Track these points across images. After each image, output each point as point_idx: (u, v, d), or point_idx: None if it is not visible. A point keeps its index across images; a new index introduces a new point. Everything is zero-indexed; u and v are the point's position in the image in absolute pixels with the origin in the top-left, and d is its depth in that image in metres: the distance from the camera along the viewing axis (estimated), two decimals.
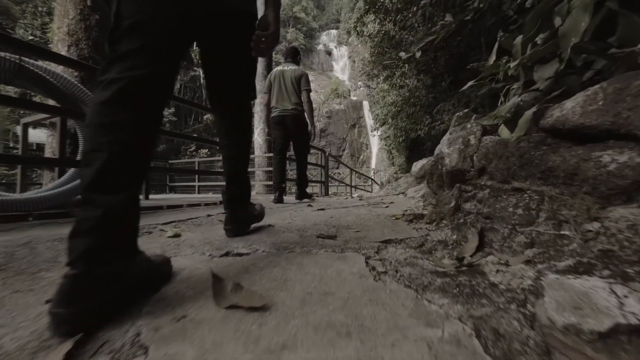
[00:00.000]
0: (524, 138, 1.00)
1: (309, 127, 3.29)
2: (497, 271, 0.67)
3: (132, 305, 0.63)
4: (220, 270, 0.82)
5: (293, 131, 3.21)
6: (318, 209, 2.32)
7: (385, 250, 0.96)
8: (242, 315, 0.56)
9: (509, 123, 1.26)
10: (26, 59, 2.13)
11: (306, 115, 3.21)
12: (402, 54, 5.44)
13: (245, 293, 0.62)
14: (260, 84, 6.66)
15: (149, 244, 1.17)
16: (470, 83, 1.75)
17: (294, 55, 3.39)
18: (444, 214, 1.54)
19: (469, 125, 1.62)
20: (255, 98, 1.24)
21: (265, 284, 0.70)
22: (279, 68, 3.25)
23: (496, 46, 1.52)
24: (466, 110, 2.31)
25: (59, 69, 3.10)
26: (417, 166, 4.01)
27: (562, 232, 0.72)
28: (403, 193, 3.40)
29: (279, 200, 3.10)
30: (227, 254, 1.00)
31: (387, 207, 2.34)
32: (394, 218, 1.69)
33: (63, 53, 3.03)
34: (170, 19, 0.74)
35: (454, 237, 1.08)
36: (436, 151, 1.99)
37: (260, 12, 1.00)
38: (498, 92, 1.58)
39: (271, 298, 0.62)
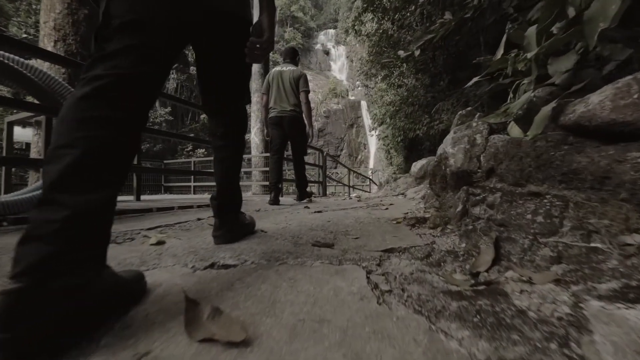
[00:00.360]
0: (541, 137, 0.91)
1: (307, 129, 3.25)
2: (522, 292, 0.57)
3: (90, 331, 0.53)
4: (202, 288, 0.72)
5: (291, 132, 3.17)
6: (315, 212, 2.21)
7: (388, 262, 0.86)
8: (218, 352, 0.45)
9: (520, 120, 1.17)
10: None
11: (304, 117, 3.16)
12: (401, 53, 5.37)
13: (224, 321, 0.52)
14: (256, 83, 6.55)
15: (129, 253, 1.07)
16: (475, 79, 1.66)
17: (292, 56, 3.33)
18: (448, 218, 1.45)
19: (474, 124, 1.53)
20: (250, 102, 1.20)
21: (250, 306, 0.60)
22: (278, 69, 3.19)
23: (504, 39, 1.42)
24: (469, 109, 2.22)
25: (45, 65, 2.99)
26: (416, 166, 3.92)
27: (593, 245, 0.62)
28: (402, 194, 3.30)
29: (274, 201, 3.01)
30: (212, 266, 0.89)
31: (386, 209, 2.25)
32: (395, 222, 1.59)
33: (49, 49, 2.91)
34: (162, 20, 0.72)
35: (463, 245, 0.99)
36: (439, 151, 1.89)
37: (255, 17, 0.96)
38: (506, 88, 1.48)
39: (255, 327, 0.52)
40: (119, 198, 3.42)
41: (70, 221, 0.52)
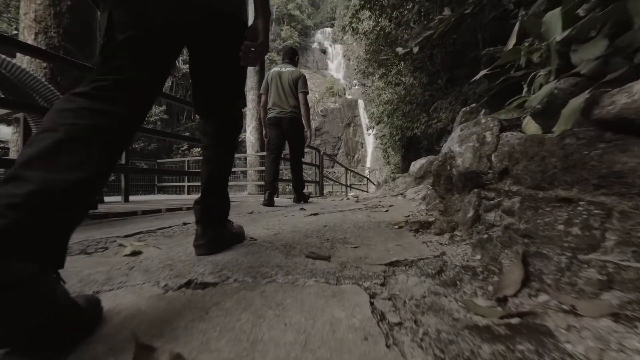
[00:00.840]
0: (570, 134, 0.79)
1: (305, 130, 3.19)
2: (569, 328, 0.45)
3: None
4: (169, 317, 0.59)
5: (290, 133, 3.13)
6: (311, 214, 2.08)
7: (394, 279, 0.74)
8: None
9: (539, 116, 1.05)
10: None
11: (302, 118, 3.11)
12: (399, 50, 5.25)
13: None
14: (251, 80, 6.40)
15: (96, 267, 0.93)
16: (482, 72, 1.53)
17: (291, 56, 3.27)
18: (456, 223, 1.33)
19: (483, 120, 1.41)
20: (245, 106, 1.15)
21: (224, 349, 0.47)
22: (277, 69, 3.12)
23: (516, 28, 1.30)
24: (473, 105, 2.10)
25: (25, 59, 2.82)
26: (415, 166, 3.80)
27: None
28: (402, 194, 3.18)
29: (269, 202, 2.87)
30: (187, 284, 0.76)
31: (386, 211, 2.12)
32: (397, 227, 1.47)
33: (30, 42, 2.74)
34: (164, 29, 0.74)
35: (478, 257, 0.86)
36: (443, 149, 1.77)
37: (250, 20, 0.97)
38: (515, 82, 1.36)
39: None
40: (106, 199, 3.26)
41: (33, 197, 0.47)
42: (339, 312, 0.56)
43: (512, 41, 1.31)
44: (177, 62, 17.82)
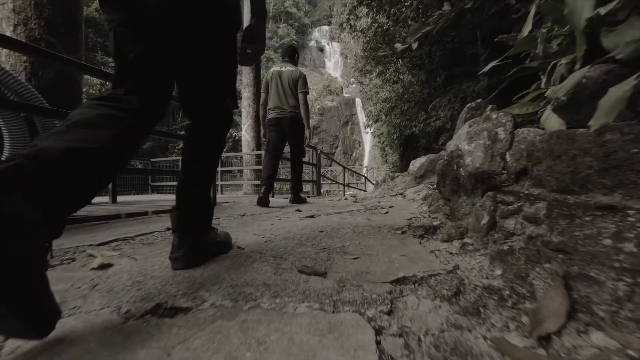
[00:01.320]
0: (611, 128, 0.66)
1: (305, 130, 3.14)
2: None
3: None
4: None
5: (290, 134, 3.07)
6: (307, 217, 1.96)
7: (403, 304, 0.61)
8: None
9: (563, 109, 0.92)
10: None
11: (302, 118, 3.06)
12: (398, 45, 5.13)
13: None
14: (246, 77, 6.24)
15: (54, 284, 0.79)
16: (492, 63, 1.41)
17: (291, 55, 3.20)
18: (465, 229, 1.20)
19: (494, 116, 1.28)
20: (237, 107, 1.07)
21: None
22: (276, 68, 3.06)
23: (532, 12, 1.18)
24: (479, 101, 1.98)
25: (3, 53, 2.66)
26: (415, 165, 3.68)
27: None
28: (401, 194, 3.06)
29: (264, 201, 2.75)
30: (154, 310, 0.63)
31: (386, 212, 2.00)
32: (399, 232, 1.35)
33: (8, 34, 2.58)
34: (167, 46, 0.78)
35: (499, 273, 0.74)
36: (449, 147, 1.64)
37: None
38: (536, 71, 1.24)
39: None
40: (94, 199, 3.06)
41: (49, 153, 0.52)
42: (335, 354, 0.44)
43: (528, 28, 1.18)
44: None
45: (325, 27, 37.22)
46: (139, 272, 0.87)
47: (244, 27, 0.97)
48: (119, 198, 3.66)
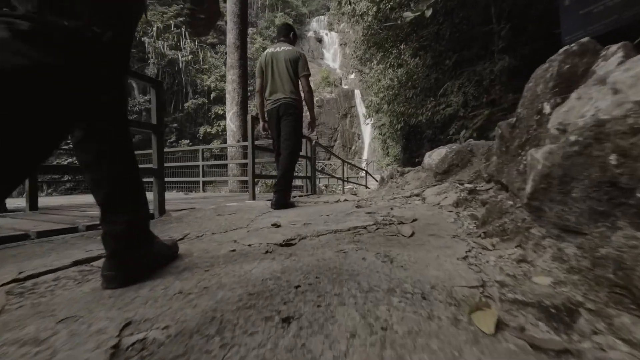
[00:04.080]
0: None
1: (309, 120, 2.76)
2: None
3: None
4: None
5: (283, 116, 2.58)
6: (283, 243, 1.23)
7: None
8: None
9: None
10: None
11: (305, 104, 2.65)
12: (407, 14, 4.35)
13: None
14: (230, 57, 5.46)
15: None
16: None
17: (286, 33, 2.73)
18: None
19: None
20: (127, 107, 0.87)
21: None
22: (270, 50, 2.60)
23: None
24: (584, 39, 1.24)
25: None
26: (433, 157, 2.94)
27: None
28: (417, 195, 2.32)
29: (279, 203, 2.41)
30: None
31: (412, 235, 1.27)
32: (483, 329, 0.62)
33: None
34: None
35: None
36: (587, 116, 0.87)
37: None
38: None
39: None
40: (15, 203, 2.26)
41: None
42: None
43: None
44: (162, 48, 16.71)
45: (323, 17, 36.11)
46: None
47: None
48: (49, 200, 2.91)
